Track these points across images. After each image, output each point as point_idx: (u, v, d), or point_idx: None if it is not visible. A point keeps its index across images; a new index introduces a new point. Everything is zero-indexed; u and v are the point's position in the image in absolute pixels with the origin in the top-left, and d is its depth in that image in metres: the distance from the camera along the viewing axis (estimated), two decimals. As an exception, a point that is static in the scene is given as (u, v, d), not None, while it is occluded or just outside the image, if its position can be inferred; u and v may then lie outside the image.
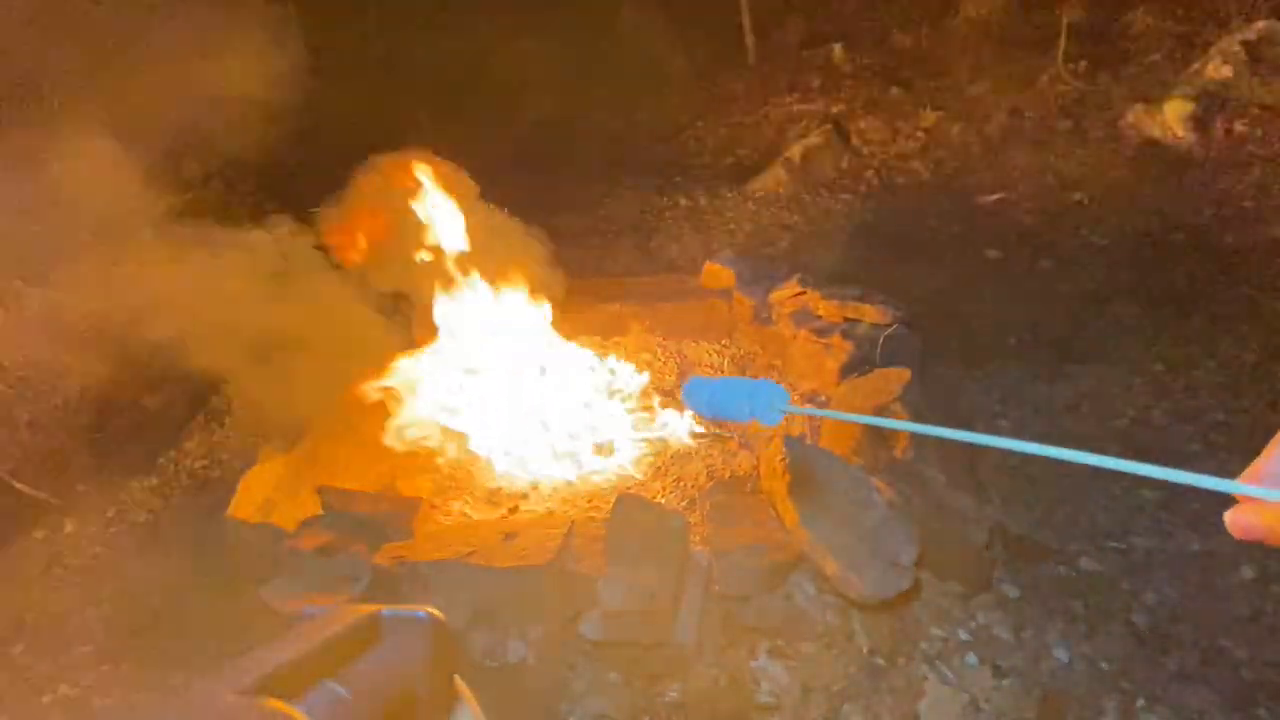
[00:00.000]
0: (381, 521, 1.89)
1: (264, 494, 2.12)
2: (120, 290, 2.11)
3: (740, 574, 1.59)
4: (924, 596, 1.66)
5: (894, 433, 1.96)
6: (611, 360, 2.61)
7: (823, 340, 2.38)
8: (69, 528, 2.64)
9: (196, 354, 2.17)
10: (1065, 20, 4.36)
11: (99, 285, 2.35)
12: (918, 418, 2.03)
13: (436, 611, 0.30)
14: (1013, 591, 1.79)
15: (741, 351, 2.71)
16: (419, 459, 2.31)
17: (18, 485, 2.78)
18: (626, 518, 1.66)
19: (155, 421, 3.01)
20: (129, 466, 2.82)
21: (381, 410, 2.30)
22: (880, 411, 2.04)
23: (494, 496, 2.20)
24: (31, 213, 2.20)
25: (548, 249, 2.61)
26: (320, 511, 1.97)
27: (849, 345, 2.32)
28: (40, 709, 1.97)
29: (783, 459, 1.69)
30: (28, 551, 2.56)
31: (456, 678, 0.32)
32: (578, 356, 2.54)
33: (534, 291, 2.48)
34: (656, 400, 2.50)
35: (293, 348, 2.23)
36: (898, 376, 2.16)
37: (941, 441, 2.04)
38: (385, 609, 0.30)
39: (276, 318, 2.11)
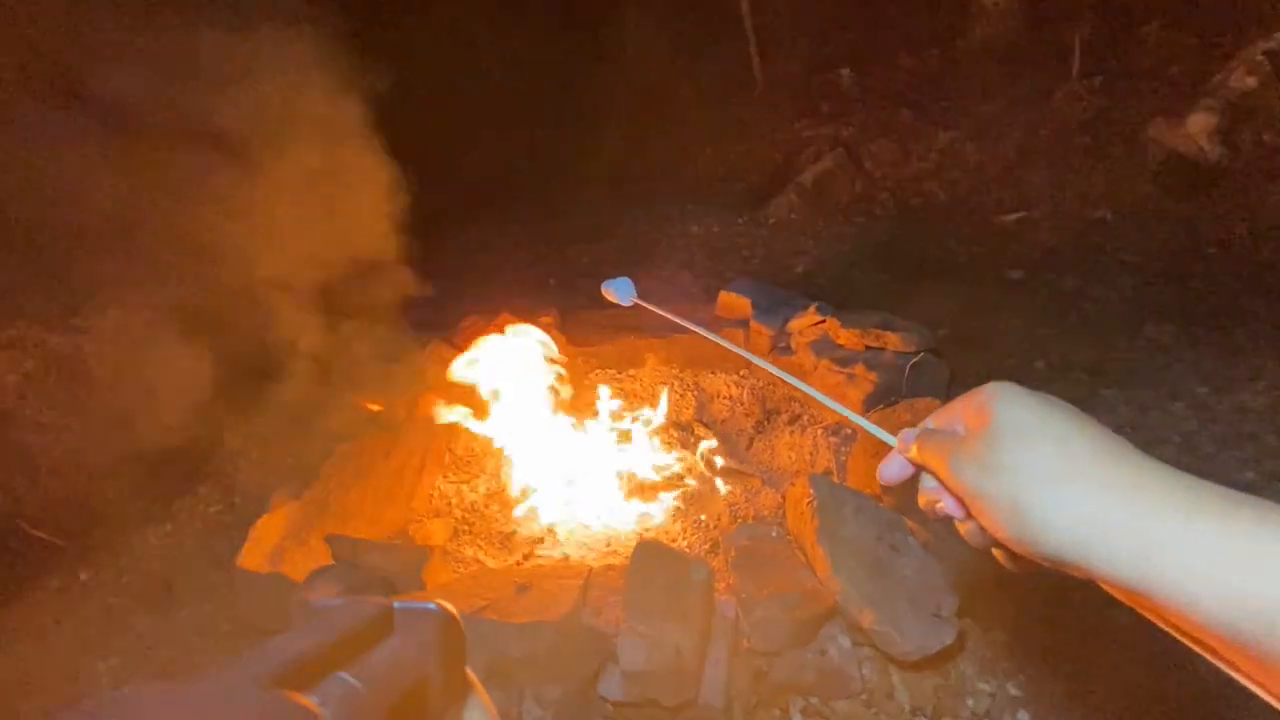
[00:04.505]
0: (392, 572, 1.82)
1: (274, 542, 2.07)
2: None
3: (770, 627, 1.50)
4: (968, 648, 1.55)
5: (926, 469, 1.86)
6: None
7: (845, 370, 2.29)
8: (84, 576, 2.61)
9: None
10: (1078, 36, 4.32)
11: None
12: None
13: (448, 604, 0.30)
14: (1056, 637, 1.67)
15: (760, 383, 2.62)
16: (433, 503, 2.26)
17: (35, 533, 2.76)
18: (646, 567, 1.58)
19: (172, 464, 3.00)
20: (145, 511, 2.80)
21: (392, 453, 2.25)
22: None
23: (508, 542, 2.12)
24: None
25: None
26: (331, 561, 1.91)
27: (873, 375, 2.23)
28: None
29: (810, 501, 1.60)
30: (42, 601, 2.53)
31: (468, 669, 0.32)
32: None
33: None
34: (676, 435, 2.42)
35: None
36: (926, 407, 2.07)
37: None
38: (396, 601, 0.30)
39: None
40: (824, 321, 2.44)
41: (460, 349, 2.56)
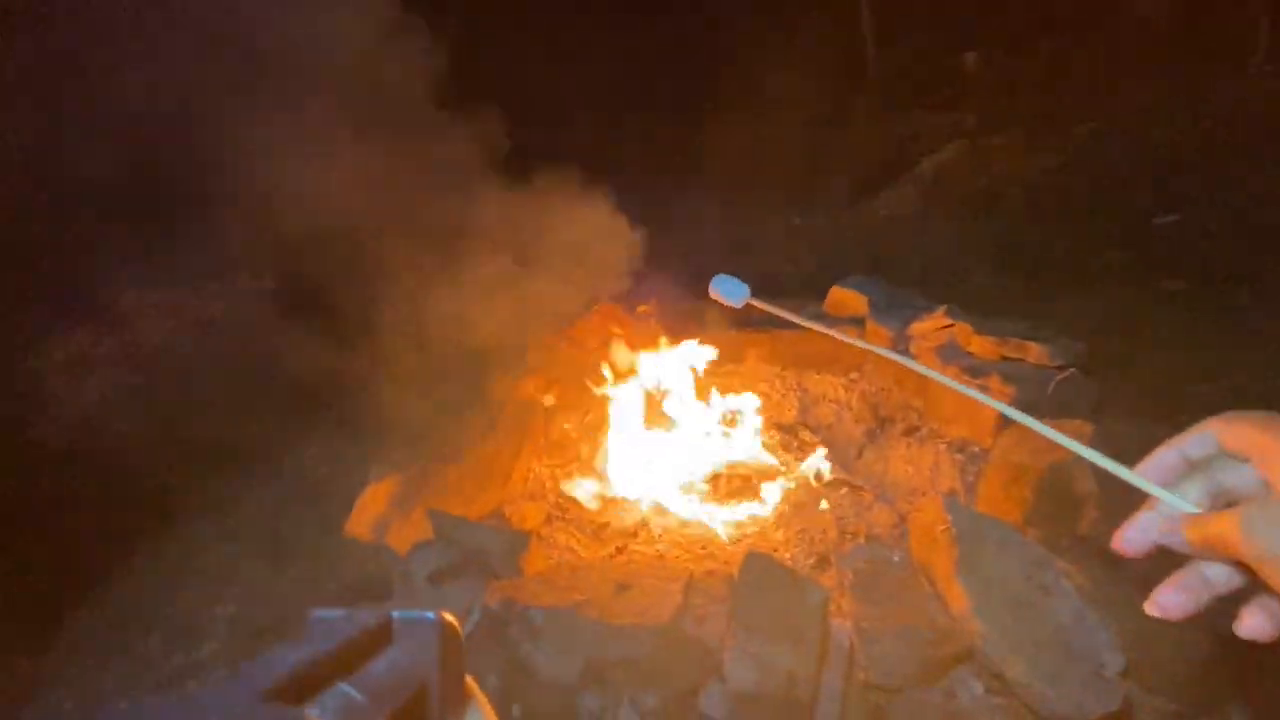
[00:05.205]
0: (491, 554, 1.81)
1: (379, 512, 2.12)
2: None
3: (893, 662, 1.36)
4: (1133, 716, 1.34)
5: (1080, 500, 1.64)
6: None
7: (977, 380, 2.07)
8: (202, 528, 2.80)
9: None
10: (1265, 16, 3.75)
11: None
12: (1101, 484, 1.70)
13: (448, 614, 0.30)
14: (1243, 718, 1.42)
15: (874, 388, 2.44)
16: (528, 486, 2.24)
17: (162, 480, 2.99)
18: (756, 581, 1.47)
19: (282, 425, 3.14)
20: (256, 470, 2.97)
21: (491, 433, 2.25)
22: (1057, 471, 1.72)
23: (601, 532, 2.07)
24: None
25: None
26: (432, 536, 1.93)
27: (1010, 389, 2.01)
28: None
29: (946, 528, 1.44)
30: (164, 550, 2.73)
31: (468, 678, 0.32)
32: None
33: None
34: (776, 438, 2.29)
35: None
36: (1074, 430, 1.83)
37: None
38: (395, 611, 0.30)
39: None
40: (953, 326, 2.23)
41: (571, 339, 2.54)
